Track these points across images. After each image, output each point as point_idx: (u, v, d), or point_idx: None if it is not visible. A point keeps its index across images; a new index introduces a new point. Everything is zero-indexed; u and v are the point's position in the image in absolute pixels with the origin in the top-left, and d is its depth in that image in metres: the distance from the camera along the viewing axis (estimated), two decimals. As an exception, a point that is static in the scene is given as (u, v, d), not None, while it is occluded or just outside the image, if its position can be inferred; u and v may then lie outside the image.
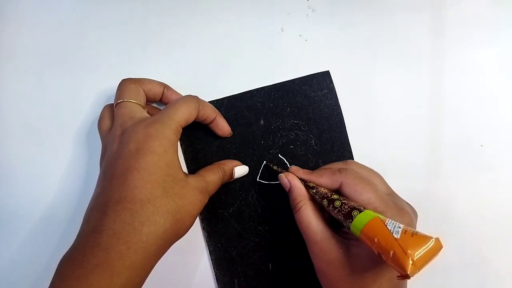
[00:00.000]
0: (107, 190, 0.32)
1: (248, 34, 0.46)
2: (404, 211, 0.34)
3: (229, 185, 0.43)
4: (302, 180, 0.38)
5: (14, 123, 0.44)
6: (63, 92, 0.45)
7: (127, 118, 0.36)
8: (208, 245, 0.43)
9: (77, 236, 0.31)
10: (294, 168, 0.40)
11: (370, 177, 0.36)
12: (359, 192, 0.34)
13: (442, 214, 0.43)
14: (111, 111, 0.39)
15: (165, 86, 0.41)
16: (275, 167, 0.42)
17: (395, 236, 0.27)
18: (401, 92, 0.45)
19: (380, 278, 0.32)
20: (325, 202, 0.34)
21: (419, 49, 0.45)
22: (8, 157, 0.44)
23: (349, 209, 0.31)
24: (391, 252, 0.26)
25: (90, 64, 0.45)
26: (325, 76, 0.45)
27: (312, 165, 0.43)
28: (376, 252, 0.28)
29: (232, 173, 0.41)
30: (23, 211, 0.43)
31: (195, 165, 0.44)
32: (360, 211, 0.31)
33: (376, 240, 0.27)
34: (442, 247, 0.26)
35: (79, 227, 0.32)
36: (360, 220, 0.30)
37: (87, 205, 0.33)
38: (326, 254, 0.33)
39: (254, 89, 0.44)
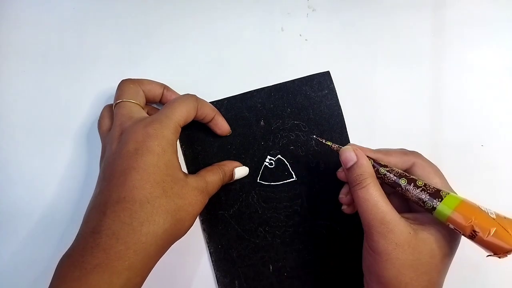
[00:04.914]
0: (106, 190, 0.32)
1: (248, 34, 0.46)
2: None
3: (229, 186, 0.43)
4: (368, 157, 0.36)
5: (14, 123, 0.44)
6: (63, 92, 0.45)
7: (126, 118, 0.36)
8: (208, 247, 0.43)
9: (76, 236, 0.31)
10: (354, 146, 0.36)
11: None
12: (432, 175, 0.34)
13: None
14: (110, 111, 0.39)
15: (165, 87, 0.41)
16: (329, 142, 0.38)
17: (492, 216, 0.29)
18: (401, 92, 0.45)
19: (443, 264, 0.32)
20: (403, 181, 0.33)
21: (420, 49, 0.45)
22: (8, 157, 0.44)
23: (435, 189, 0.31)
24: (493, 230, 0.28)
25: (90, 64, 0.45)
26: (325, 77, 0.44)
27: (313, 166, 0.43)
28: (467, 233, 0.29)
29: (232, 174, 0.41)
30: (23, 211, 0.43)
31: (195, 166, 0.44)
32: (447, 192, 0.31)
33: (473, 219, 0.28)
34: None
35: (79, 227, 0.32)
36: (451, 201, 0.30)
37: (87, 205, 0.33)
38: (396, 236, 0.31)
39: (254, 90, 0.44)
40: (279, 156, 0.44)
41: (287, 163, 0.44)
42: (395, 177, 0.33)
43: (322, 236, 0.43)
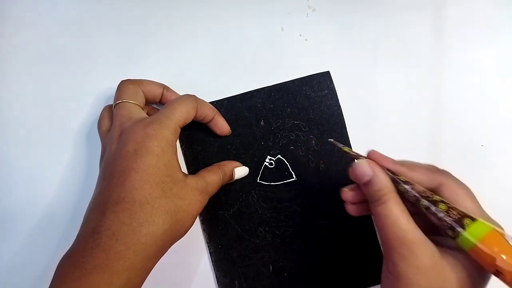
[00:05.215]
0: (106, 191, 0.32)
1: (248, 34, 0.46)
2: (503, 229, 0.29)
3: (229, 186, 0.43)
4: (388, 170, 0.31)
5: (14, 123, 0.44)
6: (63, 92, 0.45)
7: (126, 119, 0.36)
8: (208, 247, 0.43)
9: (76, 237, 0.31)
10: (376, 153, 0.33)
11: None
12: (461, 198, 0.29)
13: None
14: (110, 111, 0.39)
15: (165, 87, 0.41)
16: (346, 149, 0.34)
17: None
18: (401, 92, 0.45)
19: None
20: (424, 202, 0.29)
21: (420, 49, 0.45)
22: (8, 157, 0.44)
23: (459, 216, 0.27)
24: None
25: (90, 64, 0.45)
26: (325, 77, 0.44)
27: (313, 166, 0.43)
28: (491, 270, 0.25)
29: (232, 174, 0.41)
30: (23, 211, 0.43)
31: (195, 166, 0.43)
32: (473, 220, 0.27)
33: (497, 258, 0.25)
34: None
35: (79, 228, 0.32)
36: (475, 231, 0.26)
37: (87, 206, 0.33)
38: (417, 258, 0.27)
39: (254, 90, 0.44)
40: (279, 156, 0.44)
41: (287, 163, 0.44)
42: (417, 195, 0.29)
43: (322, 236, 0.43)
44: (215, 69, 0.45)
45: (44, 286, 0.30)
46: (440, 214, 0.28)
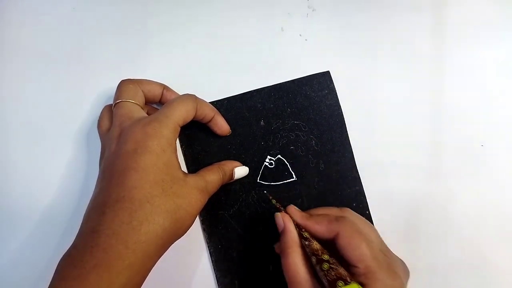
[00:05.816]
0: (106, 190, 0.32)
1: (248, 34, 0.46)
2: (396, 274, 0.33)
3: (229, 186, 0.43)
4: (297, 225, 0.36)
5: (14, 123, 0.44)
6: (63, 92, 0.45)
7: (125, 118, 0.36)
8: (208, 246, 0.43)
9: (76, 236, 0.31)
10: (292, 209, 0.38)
11: (366, 230, 0.35)
12: (353, 246, 0.33)
13: (443, 214, 0.43)
14: (110, 111, 0.39)
15: (164, 87, 0.41)
16: (273, 201, 0.39)
17: None
18: (401, 92, 0.45)
19: None
20: (313, 259, 0.33)
21: (420, 49, 0.45)
22: (8, 157, 0.44)
23: (334, 278, 0.31)
24: None
25: (90, 64, 0.45)
26: (325, 77, 0.45)
27: (313, 166, 0.43)
28: None
29: (232, 174, 0.41)
30: (23, 211, 0.43)
31: (195, 166, 0.44)
32: (346, 283, 0.30)
33: None
34: None
35: (79, 227, 0.32)
36: None
37: (86, 205, 0.33)
38: None
39: (254, 90, 0.44)
40: (279, 156, 0.44)
41: (287, 163, 0.44)
42: (309, 253, 0.34)
43: (322, 236, 0.43)
44: (215, 69, 0.45)
45: (44, 286, 0.30)
46: (321, 273, 0.32)
